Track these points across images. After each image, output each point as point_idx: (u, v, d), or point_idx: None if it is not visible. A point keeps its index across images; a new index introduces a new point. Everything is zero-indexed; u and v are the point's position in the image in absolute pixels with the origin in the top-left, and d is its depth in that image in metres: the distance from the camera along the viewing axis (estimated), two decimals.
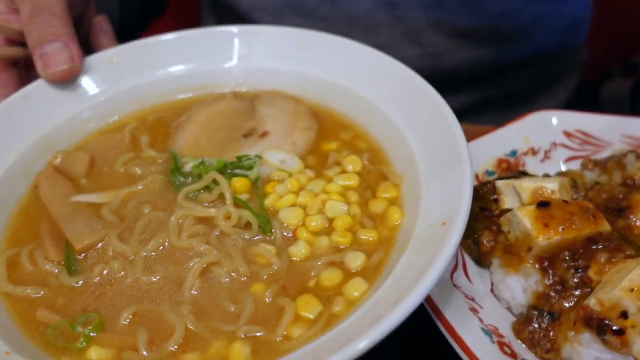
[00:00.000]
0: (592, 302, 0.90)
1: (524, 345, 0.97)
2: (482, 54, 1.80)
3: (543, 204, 1.01)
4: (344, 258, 0.94)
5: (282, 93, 1.26)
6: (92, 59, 1.22)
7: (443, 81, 1.82)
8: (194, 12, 2.20)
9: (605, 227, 0.98)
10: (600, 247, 0.97)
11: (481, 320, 0.97)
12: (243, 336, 0.85)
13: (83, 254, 0.96)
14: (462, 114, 1.87)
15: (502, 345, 0.94)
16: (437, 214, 0.90)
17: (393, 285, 0.84)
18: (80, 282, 0.93)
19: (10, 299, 0.92)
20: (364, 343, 0.71)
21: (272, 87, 1.27)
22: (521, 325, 0.98)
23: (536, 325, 0.96)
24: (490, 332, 0.95)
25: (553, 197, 1.04)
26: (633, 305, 0.87)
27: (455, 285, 1.02)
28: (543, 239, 0.97)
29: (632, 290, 0.87)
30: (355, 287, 0.89)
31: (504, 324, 0.99)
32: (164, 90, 1.26)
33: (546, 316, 0.96)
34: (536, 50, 1.87)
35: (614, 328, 0.87)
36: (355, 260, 0.93)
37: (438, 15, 1.72)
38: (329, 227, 0.99)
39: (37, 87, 1.15)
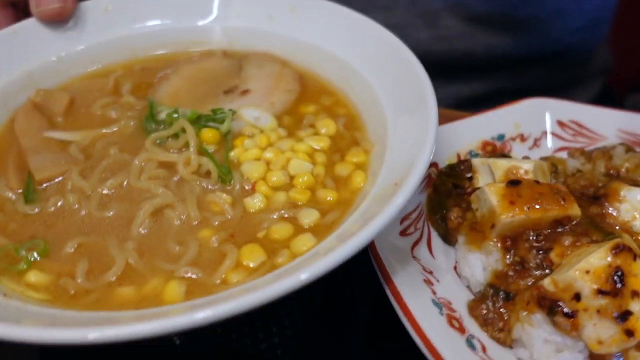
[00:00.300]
0: (546, 282, 0.86)
1: (477, 324, 0.94)
2: (497, 41, 1.76)
3: (513, 182, 0.97)
4: (298, 214, 0.92)
5: (271, 55, 1.25)
6: (88, 5, 1.23)
7: (456, 65, 1.79)
8: None
9: (575, 211, 0.94)
10: (566, 229, 0.93)
11: (434, 293, 0.94)
12: (182, 276, 0.84)
13: (45, 185, 0.97)
14: (475, 102, 1.84)
15: (451, 318, 0.91)
16: (393, 176, 0.88)
17: (336, 237, 0.82)
18: (35, 211, 0.94)
19: None
20: (305, 275, 0.69)
21: (263, 48, 1.26)
22: (476, 302, 0.95)
23: (490, 304, 0.93)
24: (441, 305, 0.92)
25: (526, 177, 1.01)
26: (587, 287, 0.83)
27: (414, 257, 0.99)
28: (506, 217, 0.93)
29: (587, 272, 0.83)
30: (304, 242, 0.87)
31: (460, 302, 0.96)
32: (155, 41, 1.26)
33: (501, 295, 0.93)
34: (553, 46, 1.82)
35: (565, 310, 0.84)
36: (309, 217, 0.92)
37: None
38: (290, 184, 0.98)
39: (28, 25, 1.17)
